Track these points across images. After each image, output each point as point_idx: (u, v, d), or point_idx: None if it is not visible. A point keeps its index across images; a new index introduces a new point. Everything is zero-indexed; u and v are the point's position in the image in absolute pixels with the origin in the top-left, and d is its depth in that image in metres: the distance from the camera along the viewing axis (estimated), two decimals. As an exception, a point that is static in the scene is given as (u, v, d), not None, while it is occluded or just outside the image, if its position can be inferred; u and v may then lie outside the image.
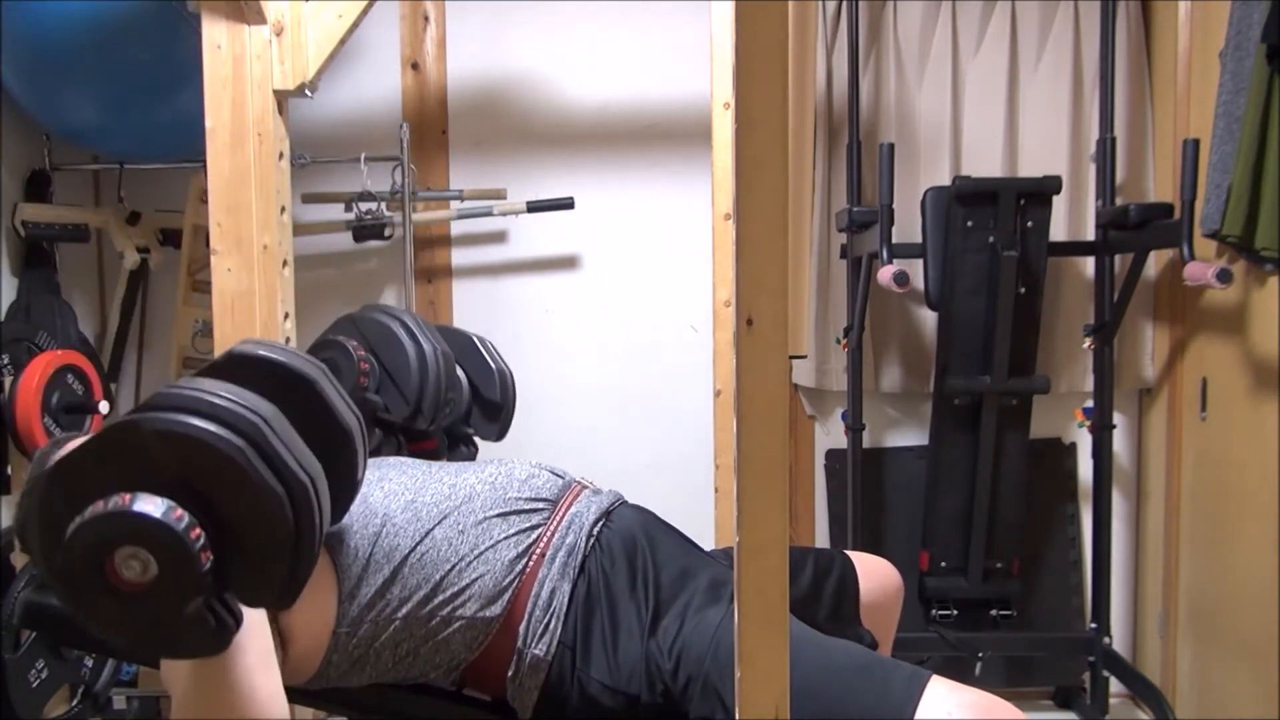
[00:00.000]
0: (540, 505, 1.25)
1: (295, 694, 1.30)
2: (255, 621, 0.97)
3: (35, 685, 1.90)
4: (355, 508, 1.18)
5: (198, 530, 0.80)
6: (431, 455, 1.57)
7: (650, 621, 1.17)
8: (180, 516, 0.79)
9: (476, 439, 1.73)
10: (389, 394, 1.44)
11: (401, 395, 1.44)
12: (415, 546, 1.15)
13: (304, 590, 1.10)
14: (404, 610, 1.13)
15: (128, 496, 0.79)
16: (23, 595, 1.26)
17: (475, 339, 1.70)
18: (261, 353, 0.99)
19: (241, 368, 0.97)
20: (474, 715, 1.23)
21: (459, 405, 1.63)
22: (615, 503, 1.33)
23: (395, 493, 1.22)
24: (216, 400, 0.84)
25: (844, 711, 1.04)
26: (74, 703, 2.07)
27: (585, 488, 1.34)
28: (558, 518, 1.24)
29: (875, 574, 1.48)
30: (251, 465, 0.82)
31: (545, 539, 1.21)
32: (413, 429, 1.50)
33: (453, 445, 1.67)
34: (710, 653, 1.11)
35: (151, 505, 0.79)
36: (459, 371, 1.65)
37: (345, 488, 1.04)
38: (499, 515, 1.21)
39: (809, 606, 1.37)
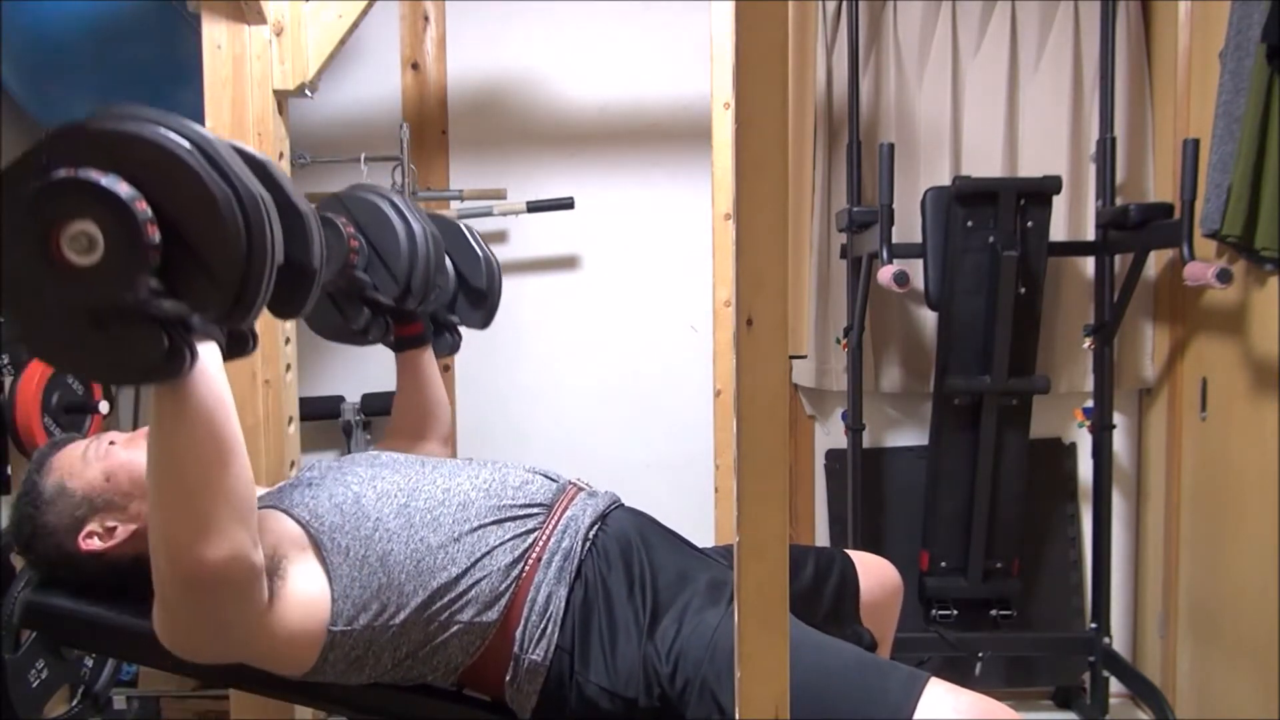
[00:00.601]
0: (535, 510, 1.24)
1: (296, 692, 1.31)
2: (215, 371, 0.96)
3: (35, 685, 1.90)
4: (348, 508, 1.18)
5: (144, 204, 0.78)
6: (417, 340, 1.56)
7: (648, 625, 1.17)
8: (128, 188, 0.77)
9: (461, 328, 1.69)
10: (378, 273, 1.39)
11: (390, 274, 1.40)
12: (410, 553, 1.15)
13: (299, 571, 1.11)
14: (401, 616, 1.13)
15: (74, 169, 0.77)
16: (23, 595, 1.26)
17: (463, 226, 1.66)
18: (211, 135, 0.95)
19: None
20: (474, 715, 1.23)
21: (445, 291, 1.60)
22: (611, 506, 1.33)
23: (388, 494, 1.21)
24: (164, 115, 0.83)
25: (840, 708, 1.04)
26: (74, 703, 2.06)
27: (580, 490, 1.33)
28: (553, 522, 1.24)
29: (875, 573, 1.49)
30: (201, 165, 0.80)
31: (541, 544, 1.21)
32: (401, 310, 1.46)
33: (438, 332, 1.63)
34: (708, 656, 1.11)
35: (95, 175, 0.77)
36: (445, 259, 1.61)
37: (298, 266, 0.98)
38: (494, 522, 1.21)
39: (809, 605, 1.37)
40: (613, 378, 2.65)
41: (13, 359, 1.97)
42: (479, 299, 1.66)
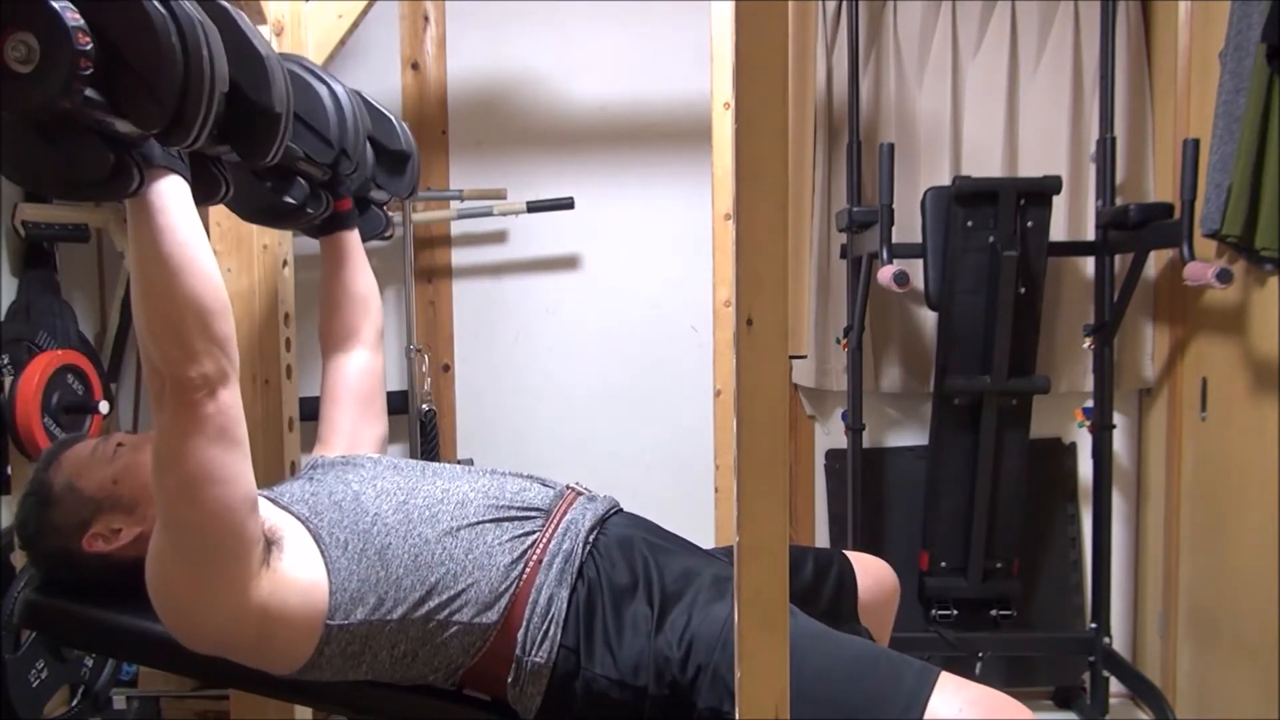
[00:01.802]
0: (534, 514, 1.25)
1: (296, 692, 1.31)
2: (181, 206, 0.98)
3: (35, 685, 1.90)
4: (347, 504, 1.18)
5: (76, 14, 0.82)
6: (346, 219, 1.48)
7: (657, 617, 1.17)
8: (61, 2, 0.81)
9: (389, 205, 1.61)
10: (307, 140, 1.30)
11: (322, 139, 1.31)
12: (407, 547, 1.16)
13: (296, 560, 1.11)
14: (399, 612, 1.13)
15: None
16: (23, 595, 1.26)
17: (360, 93, 1.52)
18: None
19: None
20: (474, 715, 1.23)
21: (366, 163, 1.48)
22: (611, 510, 1.33)
23: (387, 492, 1.22)
24: None
25: (852, 702, 1.04)
26: (74, 703, 2.06)
27: (579, 495, 1.33)
28: (553, 525, 1.24)
29: (873, 573, 1.49)
30: None
31: (541, 545, 1.21)
32: (335, 179, 1.38)
33: (363, 209, 1.54)
34: (719, 643, 1.11)
35: None
36: None
37: (260, 108, 1.02)
38: (493, 521, 1.21)
39: (808, 605, 1.37)
40: (613, 378, 2.65)
41: (13, 359, 1.97)
42: (399, 161, 1.56)
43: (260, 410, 1.64)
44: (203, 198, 1.05)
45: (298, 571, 1.11)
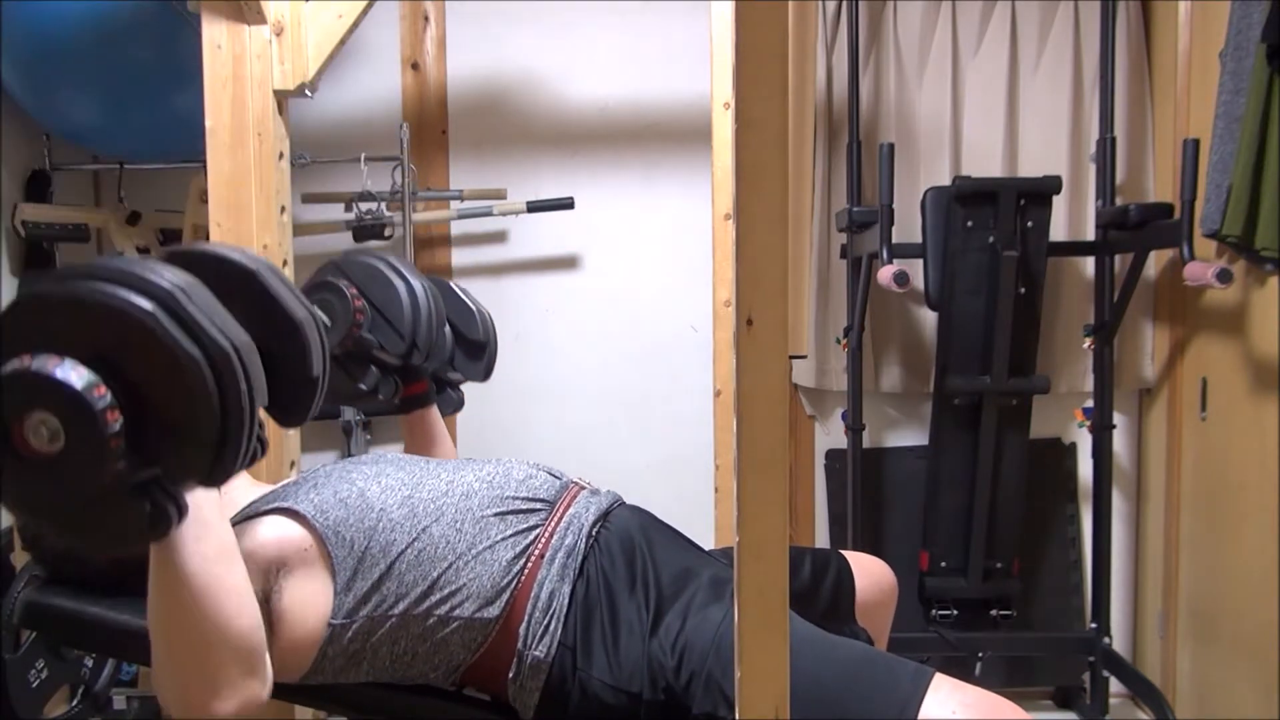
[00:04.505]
0: (538, 506, 1.25)
1: (295, 693, 1.31)
2: (212, 517, 0.96)
3: (35, 685, 1.90)
4: (352, 502, 1.18)
5: (103, 389, 0.76)
6: (423, 399, 1.58)
7: (652, 620, 1.17)
8: (82, 374, 0.76)
9: (463, 385, 1.72)
10: (383, 332, 1.42)
11: (396, 331, 1.43)
12: (411, 542, 1.15)
13: (300, 578, 1.11)
14: (400, 607, 1.13)
15: (28, 358, 0.76)
16: (23, 595, 1.25)
17: (451, 284, 1.69)
18: (201, 247, 0.94)
19: (180, 262, 0.91)
20: (474, 715, 1.23)
21: (444, 348, 1.62)
22: (614, 504, 1.33)
23: (392, 488, 1.22)
24: (131, 269, 0.80)
25: (847, 704, 1.04)
26: (74, 703, 2.07)
27: (583, 489, 1.33)
28: (556, 518, 1.24)
29: (871, 573, 1.49)
30: (164, 330, 0.78)
31: (544, 540, 1.21)
32: (408, 367, 1.48)
33: (440, 390, 1.66)
34: (713, 649, 1.11)
35: (48, 364, 0.76)
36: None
37: (301, 381, 0.97)
38: (496, 515, 1.21)
39: (806, 605, 1.37)
40: (613, 377, 2.65)
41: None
42: (477, 351, 1.69)
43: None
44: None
45: (300, 595, 1.11)
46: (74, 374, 0.76)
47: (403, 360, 1.46)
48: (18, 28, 1.92)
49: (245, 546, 1.07)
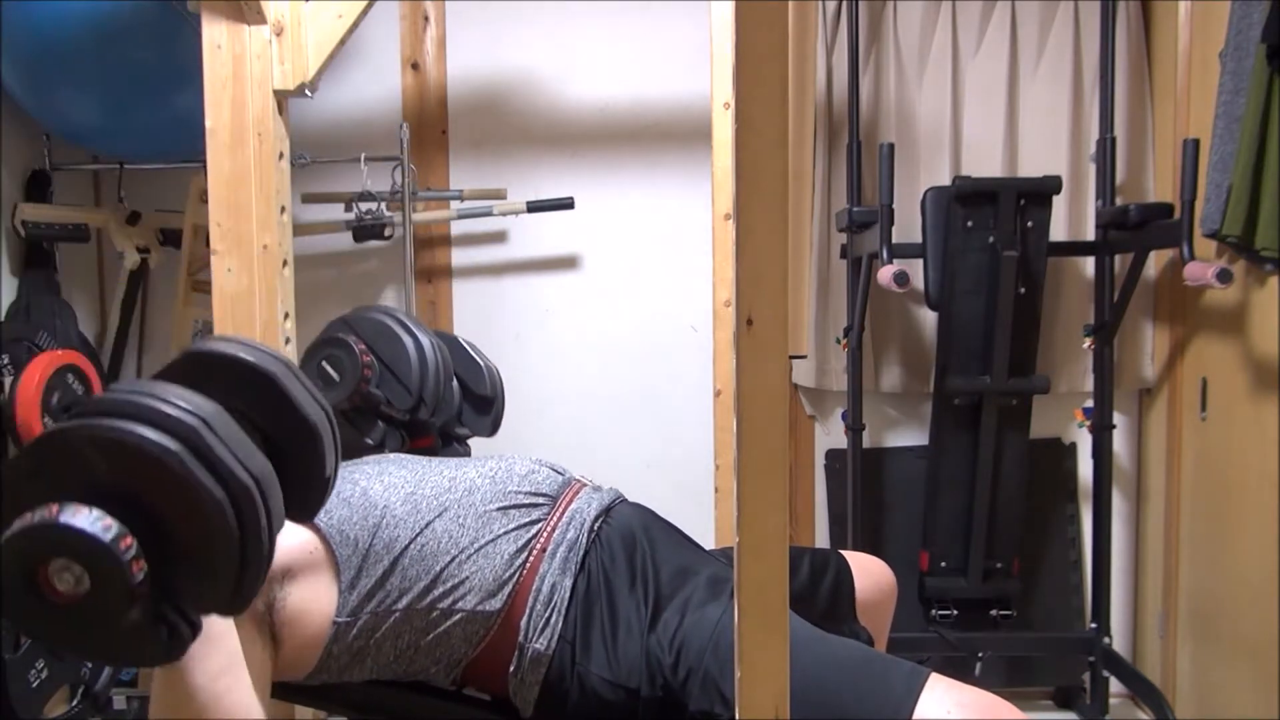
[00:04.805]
0: (540, 500, 1.25)
1: (296, 693, 1.31)
2: (219, 629, 0.97)
3: (35, 685, 1.90)
4: (355, 500, 1.18)
5: (129, 540, 0.78)
6: (429, 454, 1.57)
7: (650, 617, 1.18)
8: (109, 526, 0.77)
9: (470, 439, 1.74)
10: (390, 387, 1.46)
11: (404, 387, 1.46)
12: (415, 538, 1.16)
13: (305, 582, 1.11)
14: (404, 601, 1.14)
15: (55, 508, 0.77)
16: (23, 595, 1.26)
17: (459, 339, 1.72)
18: (218, 349, 0.96)
19: (197, 366, 0.94)
20: (474, 715, 1.23)
21: (451, 403, 1.65)
22: (615, 500, 1.34)
23: (395, 485, 1.22)
24: (153, 403, 0.81)
25: (842, 703, 1.04)
26: (74, 703, 2.07)
27: (585, 485, 1.34)
28: (558, 513, 1.25)
29: (870, 572, 1.49)
30: (187, 469, 0.79)
31: (546, 534, 1.22)
32: (414, 421, 1.51)
33: (446, 443, 1.68)
34: (710, 647, 1.11)
35: (77, 516, 0.77)
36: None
37: (314, 483, 1.01)
38: (499, 509, 1.21)
39: (805, 604, 1.37)
40: (612, 377, 2.65)
41: (13, 359, 1.97)
42: (485, 405, 1.72)
43: (260, 410, 1.64)
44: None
45: (301, 603, 1.11)
46: (100, 525, 0.77)
47: (410, 415, 1.48)
48: (18, 28, 1.91)
49: None
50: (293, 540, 1.14)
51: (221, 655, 0.97)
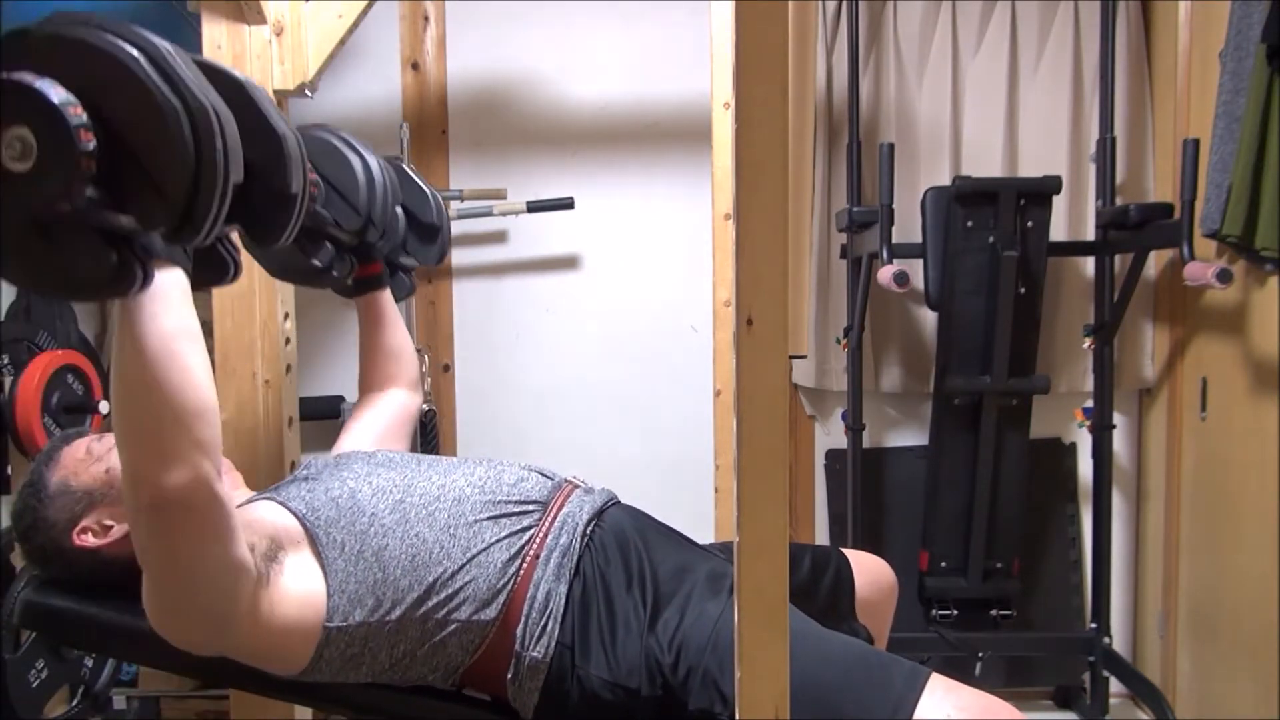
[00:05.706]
0: (531, 508, 1.25)
1: (296, 692, 1.31)
2: (175, 296, 0.93)
3: (35, 685, 1.90)
4: (342, 502, 1.18)
5: (79, 109, 0.76)
6: (376, 281, 1.56)
7: (649, 616, 1.17)
8: (60, 92, 0.75)
9: (415, 270, 1.71)
10: (337, 207, 1.39)
11: (351, 207, 1.39)
12: (405, 548, 1.15)
13: (295, 565, 1.10)
14: (397, 612, 1.13)
15: (5, 72, 0.76)
16: (23, 595, 1.25)
17: (404, 164, 1.66)
18: (193, 55, 0.92)
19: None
20: (474, 715, 1.23)
21: (397, 230, 1.59)
22: (608, 502, 1.33)
23: (383, 490, 1.21)
24: (121, 24, 0.81)
25: (842, 702, 1.04)
26: (74, 703, 2.07)
27: (576, 487, 1.33)
28: (550, 519, 1.24)
29: (870, 571, 1.49)
30: (147, 74, 0.79)
31: (538, 541, 1.21)
32: (362, 245, 1.46)
33: (392, 273, 1.64)
34: (709, 645, 1.11)
35: (29, 76, 0.75)
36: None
37: (278, 193, 0.95)
38: (490, 518, 1.21)
39: (805, 602, 1.37)
40: (612, 377, 2.65)
41: (13, 359, 1.97)
42: (430, 233, 1.67)
43: (260, 409, 1.64)
44: (209, 281, 0.99)
45: (296, 579, 1.11)
46: (55, 90, 0.76)
47: (358, 237, 1.43)
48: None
49: (246, 518, 1.07)
50: (284, 520, 1.15)
51: (177, 318, 0.93)
